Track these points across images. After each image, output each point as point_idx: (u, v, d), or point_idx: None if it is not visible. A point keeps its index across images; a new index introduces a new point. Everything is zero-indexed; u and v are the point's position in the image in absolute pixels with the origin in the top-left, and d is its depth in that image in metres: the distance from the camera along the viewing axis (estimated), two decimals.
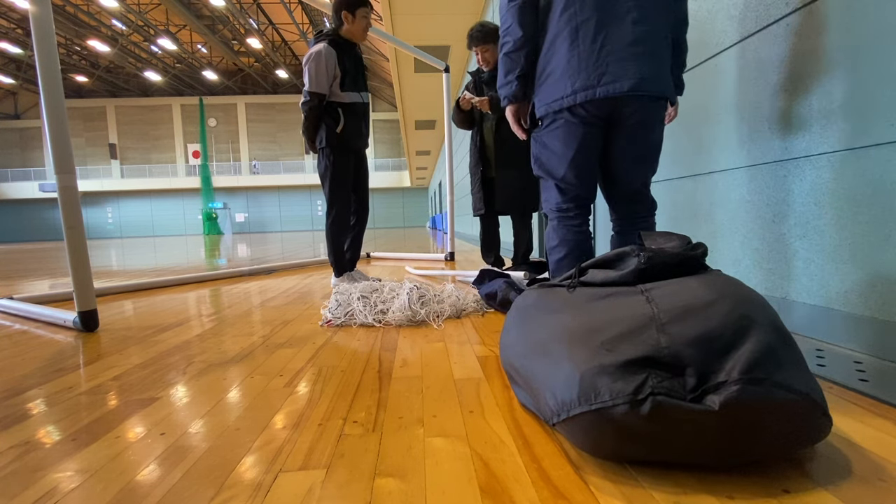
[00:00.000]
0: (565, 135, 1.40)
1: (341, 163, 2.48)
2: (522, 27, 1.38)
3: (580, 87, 1.31)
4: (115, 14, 19.69)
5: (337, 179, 2.49)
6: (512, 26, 1.39)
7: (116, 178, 29.50)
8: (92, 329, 1.85)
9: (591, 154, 1.42)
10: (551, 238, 1.50)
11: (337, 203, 2.51)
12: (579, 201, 1.46)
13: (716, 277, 0.80)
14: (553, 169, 1.45)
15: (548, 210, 1.52)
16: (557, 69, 1.35)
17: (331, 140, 2.44)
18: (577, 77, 1.32)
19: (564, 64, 1.33)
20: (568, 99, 1.33)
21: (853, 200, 1.20)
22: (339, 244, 2.59)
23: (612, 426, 0.67)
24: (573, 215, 1.46)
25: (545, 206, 1.54)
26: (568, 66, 1.33)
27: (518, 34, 1.38)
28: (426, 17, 6.83)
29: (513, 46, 1.40)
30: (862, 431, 0.81)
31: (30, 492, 0.71)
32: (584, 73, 1.31)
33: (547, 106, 1.39)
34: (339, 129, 2.43)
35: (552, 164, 1.45)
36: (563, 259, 1.46)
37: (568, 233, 1.47)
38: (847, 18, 1.19)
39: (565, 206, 1.46)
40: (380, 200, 30.50)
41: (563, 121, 1.38)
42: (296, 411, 0.98)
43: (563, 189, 1.45)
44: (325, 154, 2.47)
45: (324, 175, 2.50)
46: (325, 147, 2.45)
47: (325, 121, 2.44)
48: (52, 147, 1.72)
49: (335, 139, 2.44)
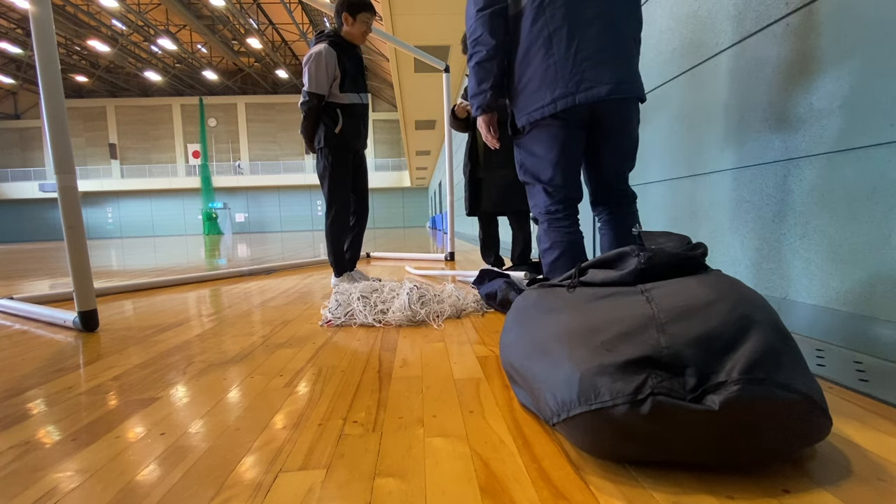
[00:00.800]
0: (549, 138, 1.41)
1: (340, 163, 2.49)
2: (494, 36, 1.38)
3: (559, 96, 1.33)
4: (115, 14, 19.69)
5: (336, 179, 2.49)
6: (483, 35, 1.39)
7: (116, 178, 29.51)
8: (92, 329, 1.85)
9: (575, 155, 1.44)
10: (543, 241, 1.51)
11: (336, 203, 2.51)
12: (567, 202, 1.47)
13: (716, 277, 0.80)
14: (539, 173, 1.46)
15: (537, 214, 1.53)
16: (535, 79, 1.36)
17: (329, 140, 2.44)
18: (555, 86, 1.33)
19: (542, 73, 1.35)
20: (548, 108, 1.35)
21: (853, 200, 1.20)
22: (339, 244, 2.59)
23: (612, 426, 0.67)
24: (562, 216, 1.47)
25: (534, 210, 1.55)
26: (545, 76, 1.34)
27: (490, 43, 1.39)
28: (426, 17, 6.82)
29: (485, 56, 1.40)
30: (862, 431, 0.81)
31: (30, 492, 0.71)
32: (561, 81, 1.32)
33: (528, 115, 1.40)
34: (337, 129, 2.43)
35: (538, 168, 1.46)
36: (557, 260, 1.47)
37: (558, 234, 1.47)
38: (847, 18, 1.19)
39: (553, 209, 1.47)
40: (380, 200, 30.52)
41: (544, 126, 1.40)
42: (296, 411, 0.98)
43: (551, 192, 1.47)
44: (323, 154, 2.47)
45: (322, 175, 2.50)
46: (323, 147, 2.45)
47: (323, 121, 2.44)
48: (52, 147, 1.72)
49: (334, 139, 2.44)
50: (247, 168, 30.31)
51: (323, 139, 2.44)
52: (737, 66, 1.59)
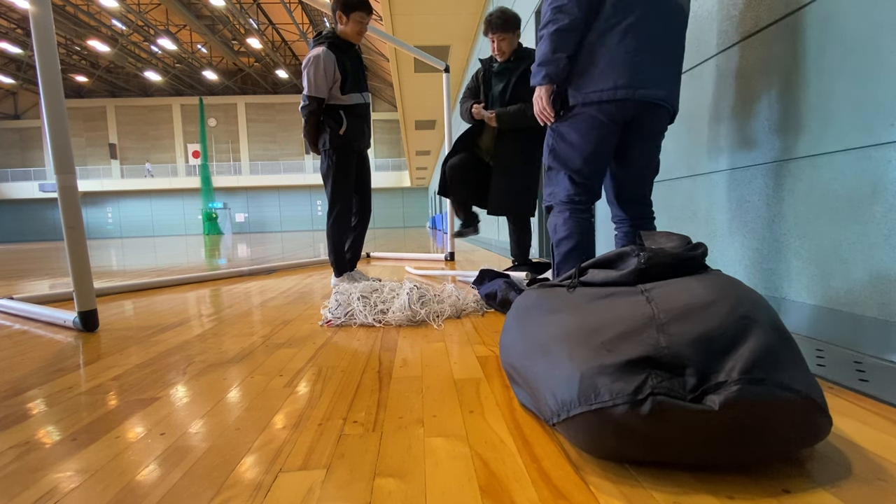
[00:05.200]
0: (587, 128, 1.42)
1: (344, 163, 2.49)
2: (580, 8, 1.35)
3: (623, 85, 1.35)
4: (115, 14, 19.69)
5: (339, 180, 2.49)
6: (569, 4, 1.35)
7: (116, 178, 29.50)
8: (92, 329, 1.85)
9: (607, 151, 1.46)
10: (559, 230, 1.51)
11: (339, 203, 2.51)
12: (590, 195, 1.49)
13: (716, 277, 0.80)
14: (570, 160, 1.47)
15: (555, 201, 1.53)
16: (602, 62, 1.36)
17: (334, 141, 2.44)
18: (619, 74, 1.35)
19: (610, 59, 1.35)
20: (607, 93, 1.36)
21: (853, 200, 1.20)
22: (340, 244, 2.59)
23: (612, 426, 0.67)
24: (584, 208, 1.49)
25: (551, 198, 1.54)
26: (613, 62, 1.35)
27: (576, 14, 1.35)
28: (426, 17, 6.82)
29: (568, 24, 1.35)
30: (862, 431, 0.80)
31: (30, 492, 0.71)
32: (626, 72, 1.34)
33: (584, 95, 1.39)
34: (342, 130, 2.43)
35: (569, 155, 1.46)
36: (573, 251, 1.48)
37: (577, 224, 1.48)
38: (847, 18, 1.19)
39: (577, 199, 1.48)
40: (380, 200, 30.48)
41: (588, 115, 1.40)
42: (296, 411, 0.98)
43: (577, 181, 1.47)
44: (327, 154, 2.47)
45: (326, 175, 2.50)
46: (328, 149, 2.46)
47: (327, 123, 2.44)
48: (52, 147, 1.72)
49: (338, 140, 2.44)
50: (246, 168, 30.31)
51: (328, 141, 2.44)
52: (737, 66, 1.59)
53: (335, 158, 2.46)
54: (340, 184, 2.50)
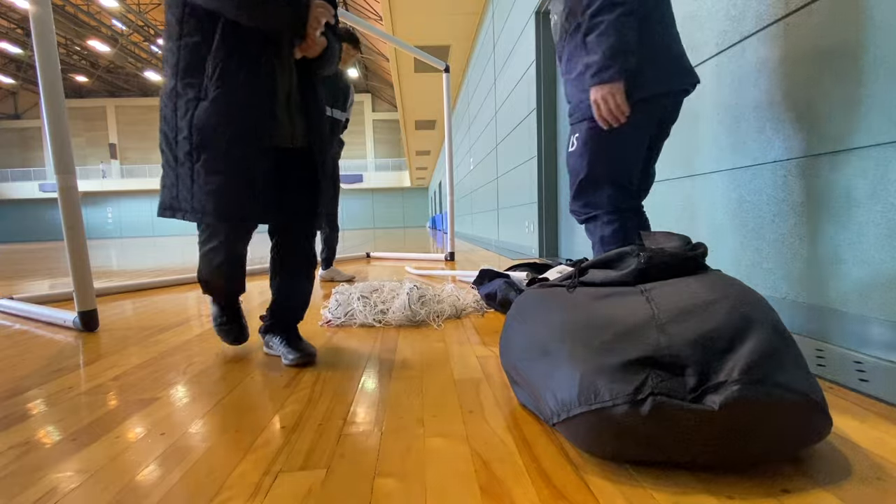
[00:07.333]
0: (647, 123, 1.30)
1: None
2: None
3: (676, 72, 1.26)
4: (115, 14, 19.68)
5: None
6: None
7: (116, 178, 29.49)
8: (92, 329, 1.85)
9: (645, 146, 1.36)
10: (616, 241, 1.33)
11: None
12: (637, 199, 1.37)
13: (716, 277, 0.80)
14: (622, 162, 1.31)
15: (602, 213, 1.35)
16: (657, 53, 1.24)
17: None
18: (669, 66, 1.26)
19: (660, 45, 1.25)
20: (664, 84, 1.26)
21: (853, 200, 1.20)
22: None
23: (612, 426, 0.67)
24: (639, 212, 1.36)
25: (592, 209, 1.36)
26: (665, 52, 1.26)
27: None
28: (426, 17, 6.83)
29: (628, 9, 1.17)
30: (862, 431, 0.80)
31: (30, 492, 0.71)
32: (675, 62, 1.27)
33: (641, 91, 1.24)
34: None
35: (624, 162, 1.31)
36: None
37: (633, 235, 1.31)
38: (847, 18, 1.19)
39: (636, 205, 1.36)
40: (380, 200, 30.49)
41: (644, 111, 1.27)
42: (296, 411, 0.98)
43: (627, 188, 1.33)
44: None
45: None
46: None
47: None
48: (52, 147, 1.72)
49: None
50: None
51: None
52: (737, 66, 1.59)
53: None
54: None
